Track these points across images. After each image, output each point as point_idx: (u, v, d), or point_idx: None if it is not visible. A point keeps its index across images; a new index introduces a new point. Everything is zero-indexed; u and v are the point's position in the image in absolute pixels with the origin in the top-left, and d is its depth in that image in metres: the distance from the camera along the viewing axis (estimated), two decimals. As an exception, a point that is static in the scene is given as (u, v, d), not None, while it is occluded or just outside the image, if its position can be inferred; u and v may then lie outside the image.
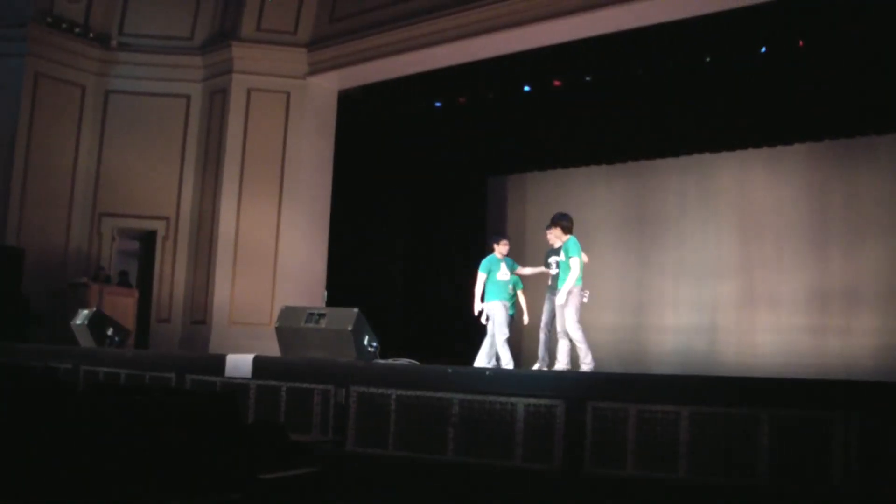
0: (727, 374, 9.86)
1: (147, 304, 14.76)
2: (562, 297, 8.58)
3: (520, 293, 9.61)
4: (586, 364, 8.56)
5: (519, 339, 10.68)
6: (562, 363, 8.63)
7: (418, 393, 7.37)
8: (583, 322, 8.72)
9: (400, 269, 15.95)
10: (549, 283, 9.15)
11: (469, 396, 7.13)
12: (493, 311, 9.30)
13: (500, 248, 9.53)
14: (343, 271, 14.89)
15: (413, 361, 8.69)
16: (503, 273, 9.42)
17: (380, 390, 7.56)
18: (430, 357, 10.03)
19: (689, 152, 14.09)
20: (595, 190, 15.30)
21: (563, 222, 8.96)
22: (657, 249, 14.57)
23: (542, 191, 15.92)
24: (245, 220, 14.47)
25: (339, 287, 14.66)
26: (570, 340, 8.63)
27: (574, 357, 8.74)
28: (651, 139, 13.94)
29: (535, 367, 9.01)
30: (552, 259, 9.08)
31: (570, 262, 8.61)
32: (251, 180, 14.52)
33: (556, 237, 8.96)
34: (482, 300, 9.43)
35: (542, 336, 9.05)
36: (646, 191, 14.85)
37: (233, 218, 14.43)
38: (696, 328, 13.91)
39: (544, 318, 9.04)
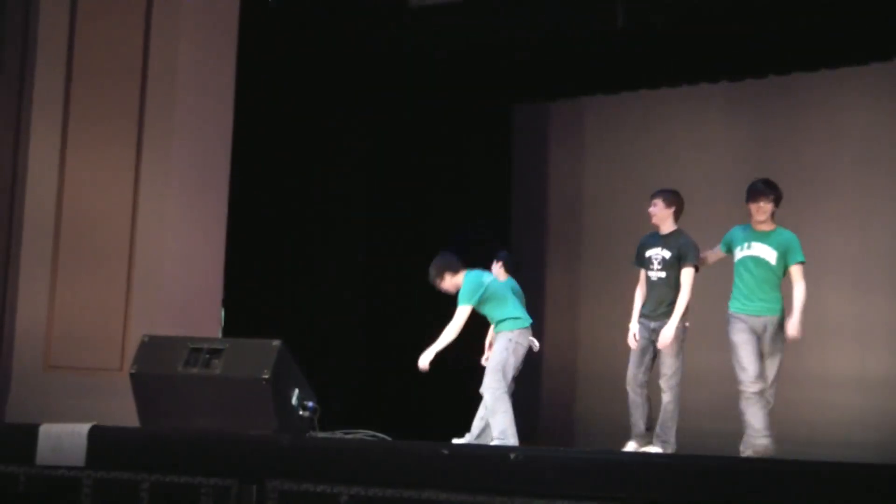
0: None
1: None
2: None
3: None
4: (670, 444, 6.14)
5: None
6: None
7: (388, 492, 5.39)
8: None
9: (356, 272, 10.93)
10: (643, 300, 6.43)
11: (480, 499, 5.11)
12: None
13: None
14: (254, 277, 10.27)
15: (379, 435, 6.26)
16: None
17: (320, 488, 5.51)
18: (409, 428, 7.10)
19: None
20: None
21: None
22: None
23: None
24: (73, 181, 9.56)
25: (247, 304, 10.27)
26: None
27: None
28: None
29: (632, 445, 6.34)
30: (652, 253, 6.38)
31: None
32: (83, 112, 9.56)
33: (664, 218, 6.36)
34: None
35: (634, 396, 6.33)
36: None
37: (52, 177, 9.57)
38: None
39: (638, 365, 6.29)
